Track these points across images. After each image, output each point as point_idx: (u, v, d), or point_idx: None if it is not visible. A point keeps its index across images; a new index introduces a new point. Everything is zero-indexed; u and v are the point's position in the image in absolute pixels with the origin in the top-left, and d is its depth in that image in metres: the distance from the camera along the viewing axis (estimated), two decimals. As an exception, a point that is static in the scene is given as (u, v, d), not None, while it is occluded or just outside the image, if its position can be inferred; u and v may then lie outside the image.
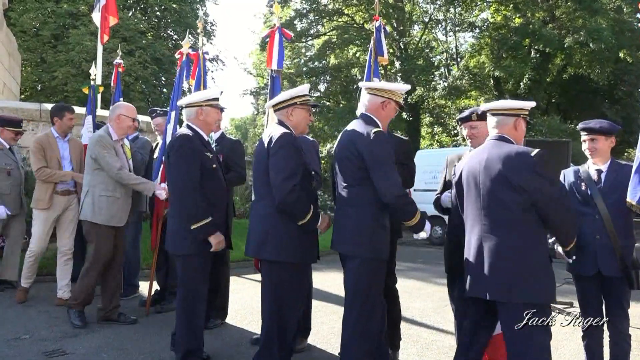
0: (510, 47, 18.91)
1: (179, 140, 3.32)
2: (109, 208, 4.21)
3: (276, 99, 3.25)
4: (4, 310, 4.73)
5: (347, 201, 2.98)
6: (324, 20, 23.16)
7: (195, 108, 3.43)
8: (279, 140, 2.97)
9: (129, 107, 4.51)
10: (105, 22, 8.50)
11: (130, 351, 3.74)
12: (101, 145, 4.20)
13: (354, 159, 2.92)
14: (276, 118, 3.22)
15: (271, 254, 3.01)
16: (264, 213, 3.05)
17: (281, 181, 2.89)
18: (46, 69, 18.04)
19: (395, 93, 3.07)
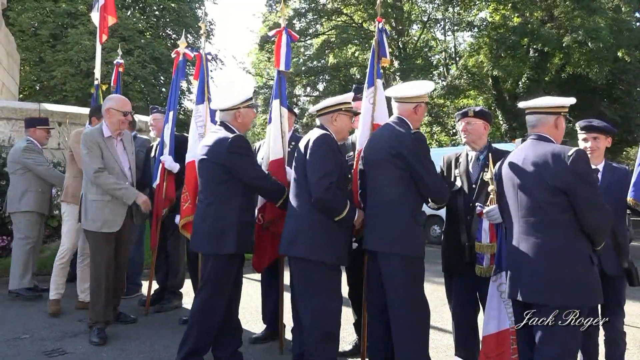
0: (508, 47, 18.91)
1: (238, 140, 3.25)
2: (98, 213, 3.94)
3: (322, 104, 3.29)
4: (3, 310, 4.74)
5: (385, 200, 3.00)
6: (323, 19, 23.17)
7: (232, 111, 3.39)
8: (317, 141, 3.03)
9: (120, 99, 4.17)
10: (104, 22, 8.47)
11: (130, 351, 3.75)
12: (83, 142, 3.94)
13: (393, 159, 2.96)
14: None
15: (302, 251, 3.01)
16: (299, 212, 3.07)
17: (318, 179, 2.94)
18: (45, 69, 18.04)
19: (424, 96, 3.16)
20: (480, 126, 3.32)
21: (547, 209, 2.49)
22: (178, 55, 5.02)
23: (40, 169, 5.13)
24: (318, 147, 3.01)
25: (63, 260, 4.65)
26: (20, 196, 5.12)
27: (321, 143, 3.02)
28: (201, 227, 3.33)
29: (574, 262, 2.45)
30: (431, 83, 3.28)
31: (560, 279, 2.44)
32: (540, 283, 2.48)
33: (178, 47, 5.09)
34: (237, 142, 3.23)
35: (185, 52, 5.02)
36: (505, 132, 19.54)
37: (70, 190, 4.68)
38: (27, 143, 5.16)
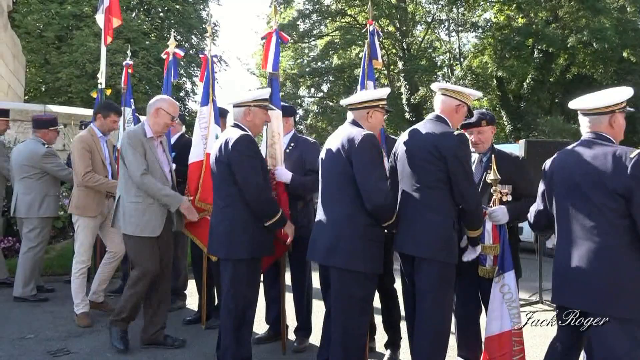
0: (513, 47, 18.90)
1: (243, 140, 3.14)
2: (139, 216, 3.67)
3: (356, 97, 3.11)
4: (9, 310, 4.77)
5: (423, 204, 2.86)
6: (327, 20, 23.21)
7: (243, 108, 3.29)
8: (365, 143, 2.85)
9: (172, 102, 3.92)
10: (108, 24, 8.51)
11: (134, 351, 3.76)
12: (129, 143, 3.67)
13: (434, 160, 2.82)
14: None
15: (342, 262, 2.87)
16: (337, 218, 2.93)
17: (375, 183, 2.81)
18: (50, 70, 18.14)
19: (469, 97, 3.03)
20: (490, 134, 3.32)
21: (604, 213, 2.34)
22: (168, 56, 5.01)
23: (63, 174, 5.04)
24: (368, 149, 2.85)
25: (81, 273, 4.39)
26: (41, 201, 5.01)
27: (370, 145, 2.86)
28: (216, 231, 3.25)
29: (631, 271, 2.30)
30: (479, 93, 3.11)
31: (621, 287, 2.29)
32: (597, 291, 2.32)
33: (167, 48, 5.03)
34: (241, 140, 3.13)
35: (175, 52, 5.01)
36: (510, 133, 19.51)
37: (81, 202, 4.41)
38: (46, 148, 5.05)
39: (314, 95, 26.63)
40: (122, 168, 3.76)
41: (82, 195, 4.41)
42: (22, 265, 4.99)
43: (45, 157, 5.01)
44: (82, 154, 4.37)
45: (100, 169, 4.46)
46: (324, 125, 22.87)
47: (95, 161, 4.44)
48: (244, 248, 3.13)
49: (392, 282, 3.72)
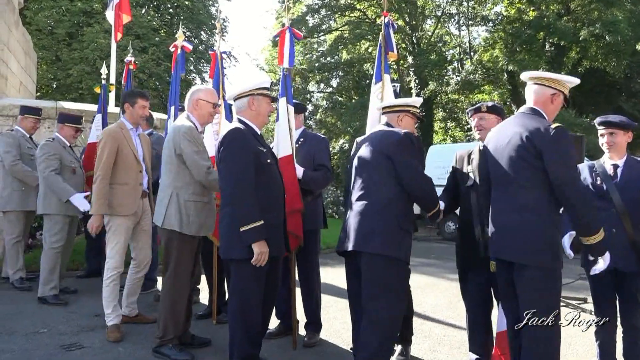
0: (524, 41, 18.71)
1: (230, 134, 3.09)
2: (198, 215, 3.51)
3: (390, 101, 3.27)
4: (22, 305, 4.83)
5: (519, 204, 2.66)
6: (336, 15, 23.12)
7: (246, 98, 3.21)
8: (404, 140, 2.97)
9: (209, 89, 3.78)
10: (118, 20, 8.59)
11: (146, 344, 3.79)
12: (190, 140, 3.45)
13: (529, 157, 2.63)
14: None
15: (378, 247, 2.88)
16: (371, 210, 2.94)
17: (419, 179, 2.97)
18: (61, 67, 18.26)
19: (565, 84, 2.80)
20: (494, 121, 3.28)
21: None
22: (176, 49, 5.00)
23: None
24: (406, 145, 2.97)
25: (111, 280, 4.02)
26: (44, 197, 4.93)
27: (410, 141, 2.98)
28: (220, 231, 3.20)
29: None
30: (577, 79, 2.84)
31: None
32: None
33: (175, 42, 5.03)
34: (228, 135, 3.09)
35: (184, 45, 5.00)
36: (521, 127, 19.33)
37: (115, 199, 3.99)
38: (45, 141, 5.02)
39: (323, 90, 26.61)
40: (170, 164, 3.53)
41: (116, 193, 3.99)
42: (42, 264, 4.92)
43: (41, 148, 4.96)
44: (103, 151, 3.98)
45: (131, 164, 4.05)
46: (333, 121, 22.82)
47: (126, 156, 4.03)
48: (241, 248, 3.00)
49: None
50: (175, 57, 4.98)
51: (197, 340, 3.80)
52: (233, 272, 3.15)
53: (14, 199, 5.39)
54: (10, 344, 3.76)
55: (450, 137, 25.11)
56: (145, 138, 4.41)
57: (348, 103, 22.61)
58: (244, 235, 2.95)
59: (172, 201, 3.48)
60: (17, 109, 8.44)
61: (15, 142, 5.42)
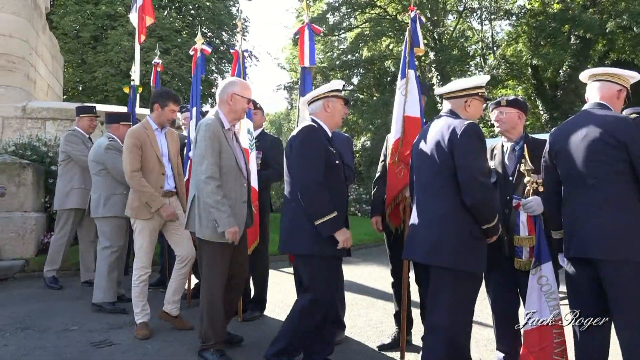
0: (548, 34, 18.39)
1: (304, 132, 3.05)
2: None
3: (453, 85, 2.93)
4: (53, 303, 4.95)
5: (601, 200, 2.58)
6: (356, 12, 23.04)
7: (321, 101, 3.21)
8: (468, 132, 2.66)
9: (244, 83, 3.56)
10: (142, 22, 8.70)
11: (173, 342, 3.85)
12: (206, 136, 3.31)
13: (610, 150, 2.54)
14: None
15: (446, 260, 2.67)
16: (440, 215, 2.72)
17: (477, 177, 2.61)
18: (87, 70, 18.60)
19: (628, 80, 2.79)
20: (514, 115, 3.24)
21: None
22: (196, 52, 5.06)
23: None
24: (472, 139, 2.65)
25: (141, 281, 4.07)
26: (105, 200, 4.73)
27: (474, 135, 2.66)
28: (283, 225, 3.17)
29: None
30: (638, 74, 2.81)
31: None
32: None
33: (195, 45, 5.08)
34: (301, 133, 3.04)
35: (203, 48, 5.06)
36: (546, 123, 19.03)
37: (135, 202, 4.07)
38: (109, 141, 4.82)
39: (344, 88, 26.55)
40: (195, 165, 3.44)
41: (136, 196, 4.04)
42: (97, 269, 4.79)
43: (107, 149, 4.76)
44: (130, 151, 3.97)
45: (154, 166, 4.04)
46: (354, 119, 22.75)
47: (149, 157, 4.02)
48: (308, 243, 3.00)
49: None
50: (195, 60, 5.05)
51: (232, 338, 3.78)
52: (304, 269, 3.11)
53: (72, 197, 5.45)
54: (42, 341, 3.86)
55: (474, 133, 24.82)
56: (173, 134, 4.34)
57: (369, 101, 22.51)
58: (320, 228, 2.94)
59: (194, 205, 3.43)
60: (45, 111, 8.70)
61: (79, 140, 5.49)
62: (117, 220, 4.71)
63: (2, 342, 3.83)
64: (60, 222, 5.58)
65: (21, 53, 8.84)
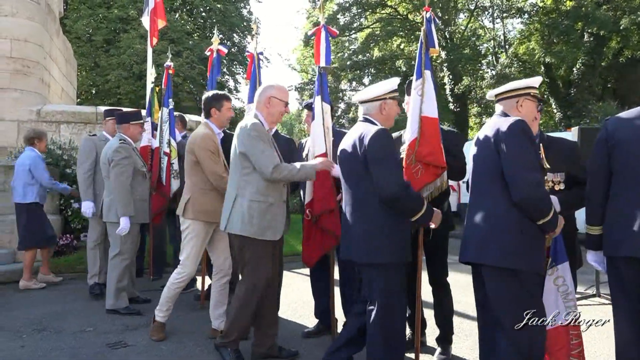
0: (561, 32, 18.21)
1: (379, 135, 2.89)
2: (261, 217, 3.30)
3: (504, 87, 2.85)
4: (69, 305, 4.99)
5: None
6: (367, 13, 23.03)
7: (378, 102, 3.08)
8: (513, 128, 2.57)
9: (282, 87, 3.53)
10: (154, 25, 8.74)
11: (187, 344, 3.87)
12: (256, 136, 3.28)
13: None
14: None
15: (494, 258, 2.56)
16: (489, 213, 2.63)
17: (524, 174, 2.51)
18: (100, 73, 18.79)
19: None
20: None
21: None
22: (212, 53, 5.07)
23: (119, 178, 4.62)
24: (514, 134, 2.56)
25: (180, 285, 3.95)
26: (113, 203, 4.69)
27: (518, 130, 2.57)
28: (352, 233, 2.99)
29: None
30: None
31: None
32: None
33: (211, 46, 5.10)
34: (377, 137, 2.88)
35: (219, 49, 5.06)
36: (560, 121, 18.86)
37: (202, 205, 3.87)
38: (119, 143, 4.73)
39: (355, 88, 26.52)
40: (234, 164, 3.40)
41: (208, 199, 3.88)
42: (108, 276, 4.76)
43: (116, 152, 4.66)
44: (210, 155, 3.85)
45: (223, 169, 3.96)
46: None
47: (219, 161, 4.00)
48: (388, 251, 2.89)
49: (445, 275, 3.67)
50: (211, 61, 5.06)
51: (285, 353, 3.62)
52: (377, 277, 2.94)
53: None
54: (58, 342, 3.90)
55: (486, 132, 24.66)
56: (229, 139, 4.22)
57: (381, 101, 22.45)
58: (419, 220, 2.93)
59: (236, 204, 3.34)
60: (59, 114, 8.79)
61: (92, 148, 5.35)
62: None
63: (20, 343, 3.87)
64: (89, 230, 5.49)
65: (36, 57, 8.95)
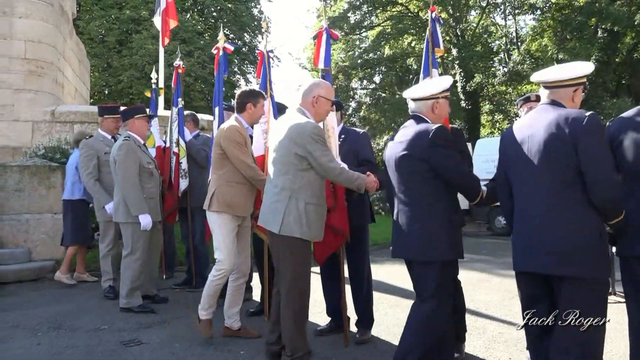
0: (574, 28, 18.03)
1: (441, 132, 2.83)
2: (318, 219, 3.24)
3: (561, 73, 2.64)
4: (83, 303, 5.04)
5: None
6: (378, 11, 22.96)
7: (430, 101, 3.01)
8: (593, 124, 2.37)
9: (329, 86, 3.47)
10: (165, 26, 8.81)
11: (201, 342, 3.88)
12: (318, 141, 3.17)
13: None
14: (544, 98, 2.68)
15: (582, 270, 2.36)
16: (564, 217, 2.40)
17: (609, 174, 2.37)
18: (112, 74, 18.95)
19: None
20: None
21: None
22: (218, 51, 5.06)
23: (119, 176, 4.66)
24: (597, 132, 2.38)
25: (220, 282, 3.86)
26: (126, 204, 4.65)
27: (598, 126, 2.39)
28: (407, 232, 2.92)
29: None
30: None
31: None
32: None
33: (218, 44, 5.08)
34: (440, 133, 2.81)
35: (225, 47, 5.05)
36: (573, 118, 18.65)
37: (227, 198, 3.81)
38: (122, 140, 4.72)
39: (366, 87, 26.46)
40: (286, 165, 3.23)
41: (233, 192, 3.83)
42: (121, 276, 4.74)
43: (119, 150, 4.65)
44: (236, 144, 3.80)
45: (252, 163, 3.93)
46: (377, 117, 22.64)
47: (248, 155, 3.94)
48: (439, 250, 2.83)
49: (456, 272, 3.65)
50: (218, 59, 5.06)
51: None
52: (430, 274, 2.86)
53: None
54: (73, 340, 3.94)
55: (498, 130, 24.48)
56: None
57: (392, 99, 22.38)
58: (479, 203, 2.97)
59: (290, 205, 3.18)
60: (73, 115, 8.87)
61: (93, 153, 5.31)
62: (137, 225, 4.64)
63: (35, 341, 3.91)
64: (101, 234, 5.43)
65: (50, 58, 9.03)
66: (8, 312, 4.73)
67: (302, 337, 3.22)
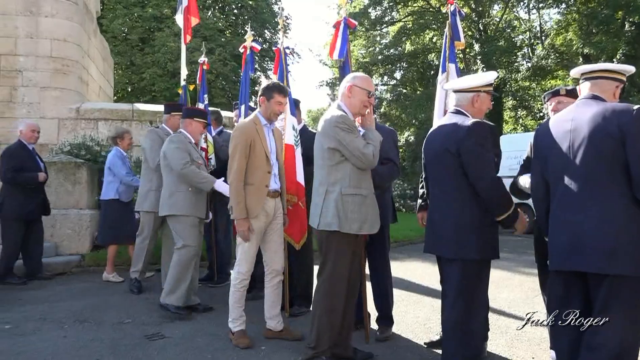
0: (601, 21, 17.65)
1: (478, 126, 2.77)
2: (358, 211, 3.14)
3: (603, 65, 2.60)
4: (108, 297, 5.14)
5: None
6: (399, 6, 22.81)
7: (471, 94, 2.96)
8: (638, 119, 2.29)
9: (365, 76, 3.34)
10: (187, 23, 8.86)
11: (222, 337, 3.92)
12: (345, 129, 3.11)
13: None
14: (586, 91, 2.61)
15: (628, 268, 2.29)
16: (612, 214, 2.32)
17: None
18: (135, 71, 19.22)
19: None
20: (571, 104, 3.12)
21: None
22: (245, 50, 5.11)
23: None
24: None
25: (241, 286, 3.77)
26: (169, 197, 4.53)
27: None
28: (439, 228, 2.91)
29: None
30: None
31: None
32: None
33: (245, 42, 5.14)
34: (476, 127, 2.74)
35: (252, 46, 5.09)
36: (599, 114, 18.29)
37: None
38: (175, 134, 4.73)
39: (387, 83, 26.34)
40: (320, 160, 3.24)
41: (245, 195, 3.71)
42: (170, 269, 4.52)
43: (170, 142, 4.59)
44: (234, 147, 3.69)
45: (260, 164, 3.72)
46: (397, 113, 22.53)
47: (257, 154, 3.72)
48: (470, 249, 2.79)
49: None
50: (245, 58, 5.11)
51: (359, 355, 3.40)
52: (460, 273, 2.83)
53: (150, 198, 5.13)
54: (99, 333, 4.01)
55: (522, 126, 24.15)
56: (278, 133, 4.09)
57: (413, 95, 22.26)
58: (504, 220, 2.79)
59: (327, 199, 3.17)
60: (97, 112, 9.02)
61: (160, 140, 5.08)
62: (184, 218, 4.46)
63: (62, 334, 4.00)
64: (140, 226, 5.38)
65: (75, 56, 9.19)
66: (35, 305, 4.85)
67: (329, 333, 3.18)
